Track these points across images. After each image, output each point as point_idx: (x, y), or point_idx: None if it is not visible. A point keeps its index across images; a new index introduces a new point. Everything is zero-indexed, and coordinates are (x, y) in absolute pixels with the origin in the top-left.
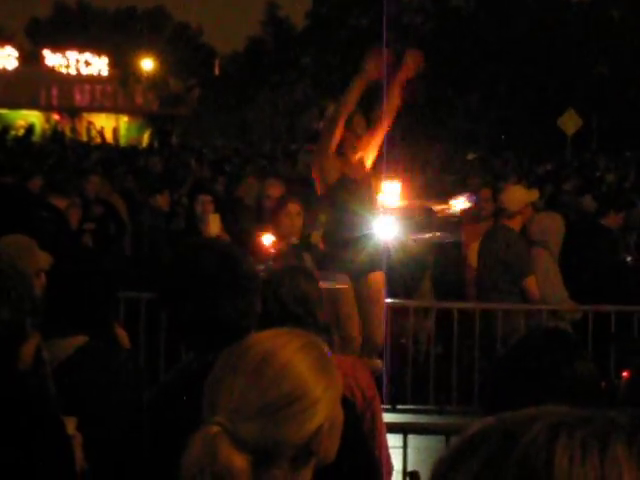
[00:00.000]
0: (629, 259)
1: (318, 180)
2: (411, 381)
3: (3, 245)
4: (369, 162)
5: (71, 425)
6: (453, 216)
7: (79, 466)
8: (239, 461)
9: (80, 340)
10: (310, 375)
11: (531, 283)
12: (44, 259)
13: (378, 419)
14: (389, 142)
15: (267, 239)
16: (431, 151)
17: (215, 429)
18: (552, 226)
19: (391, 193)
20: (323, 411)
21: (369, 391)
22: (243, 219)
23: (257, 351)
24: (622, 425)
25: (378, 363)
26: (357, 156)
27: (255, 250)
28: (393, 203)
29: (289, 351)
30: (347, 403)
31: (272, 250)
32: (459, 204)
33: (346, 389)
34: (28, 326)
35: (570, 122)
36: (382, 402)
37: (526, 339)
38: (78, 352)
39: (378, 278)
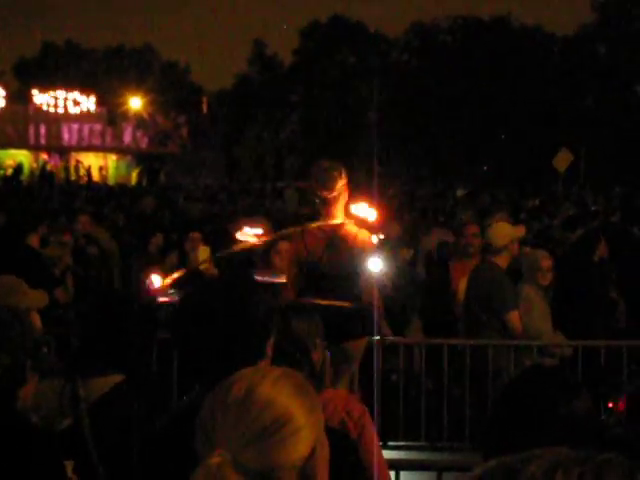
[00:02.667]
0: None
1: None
2: (402, 417)
3: None
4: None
5: (68, 468)
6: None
7: None
8: None
9: (116, 379)
10: (292, 401)
11: (514, 317)
12: (37, 298)
13: (373, 449)
14: (378, 179)
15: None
16: (420, 188)
17: (218, 460)
18: (539, 262)
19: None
20: (312, 433)
21: (361, 423)
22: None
23: (238, 388)
24: (618, 463)
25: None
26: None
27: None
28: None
29: (269, 382)
30: (339, 434)
31: None
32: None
33: (338, 422)
34: (28, 368)
35: (563, 160)
36: None
37: (522, 378)
38: (113, 390)
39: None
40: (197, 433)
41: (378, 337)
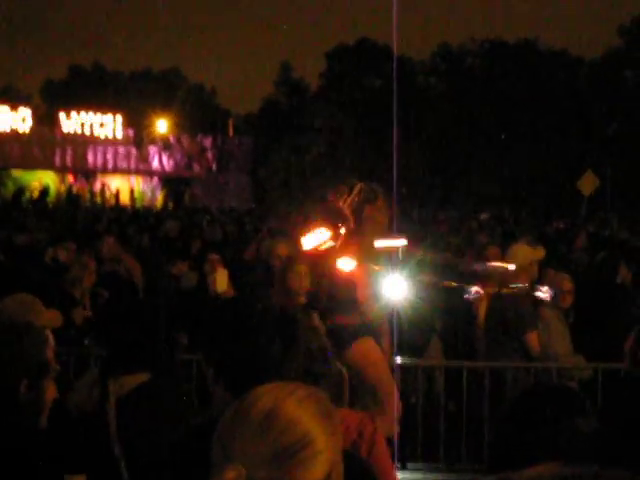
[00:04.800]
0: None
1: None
2: (422, 440)
3: (5, 304)
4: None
5: None
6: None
7: None
8: None
9: (143, 377)
10: (316, 424)
11: (532, 338)
12: (51, 317)
13: (383, 464)
14: (399, 205)
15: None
16: (442, 212)
17: (232, 474)
18: (560, 284)
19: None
20: (330, 457)
21: (372, 440)
22: (251, 277)
23: (263, 404)
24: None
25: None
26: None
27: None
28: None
29: (294, 401)
30: (352, 457)
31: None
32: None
33: (350, 443)
34: (23, 387)
35: (588, 183)
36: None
37: (525, 395)
38: (139, 388)
39: (365, 346)
40: (214, 443)
41: (399, 360)
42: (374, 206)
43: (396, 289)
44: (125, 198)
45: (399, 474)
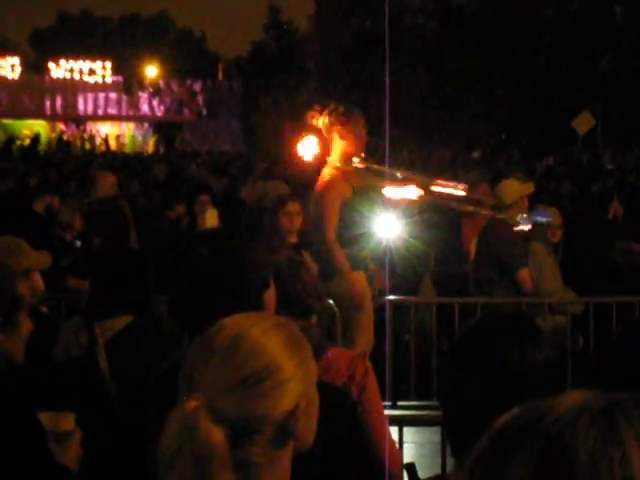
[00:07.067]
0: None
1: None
2: (414, 378)
3: None
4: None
5: (69, 420)
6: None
7: (72, 462)
8: (218, 434)
9: (127, 319)
10: (282, 352)
11: (524, 275)
12: (37, 258)
13: (373, 409)
14: (391, 145)
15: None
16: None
17: (194, 404)
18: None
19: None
20: (297, 387)
21: (363, 383)
22: (243, 217)
23: (229, 331)
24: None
25: None
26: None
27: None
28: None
29: (260, 330)
30: (339, 392)
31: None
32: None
33: (340, 382)
34: None
35: (583, 122)
36: (384, 398)
37: (473, 325)
38: (126, 329)
39: (355, 279)
40: (180, 375)
41: (391, 297)
42: (347, 124)
43: (389, 228)
44: (115, 144)
45: (390, 412)
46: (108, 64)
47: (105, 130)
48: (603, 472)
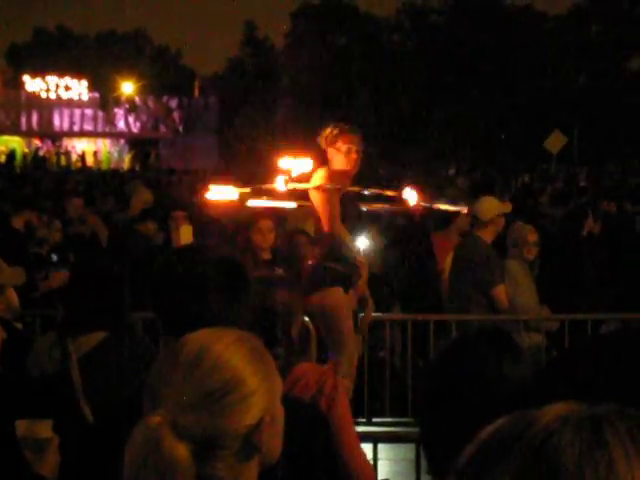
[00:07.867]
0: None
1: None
2: (389, 394)
3: None
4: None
5: (47, 427)
6: None
7: (51, 470)
8: (181, 450)
9: (101, 335)
10: (245, 366)
11: (499, 292)
12: (11, 275)
13: (343, 423)
14: (365, 160)
15: None
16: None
17: (157, 419)
18: (525, 236)
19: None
20: (261, 401)
21: (332, 396)
22: (214, 234)
23: (192, 346)
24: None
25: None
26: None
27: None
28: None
29: (223, 344)
30: (307, 407)
31: None
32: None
33: (309, 398)
34: None
35: (556, 142)
36: (360, 415)
37: (454, 342)
38: (100, 345)
39: (333, 295)
40: (144, 391)
41: (363, 314)
42: (333, 145)
43: (362, 245)
44: (92, 160)
45: (365, 428)
46: (84, 81)
47: (81, 146)
48: (589, 477)
